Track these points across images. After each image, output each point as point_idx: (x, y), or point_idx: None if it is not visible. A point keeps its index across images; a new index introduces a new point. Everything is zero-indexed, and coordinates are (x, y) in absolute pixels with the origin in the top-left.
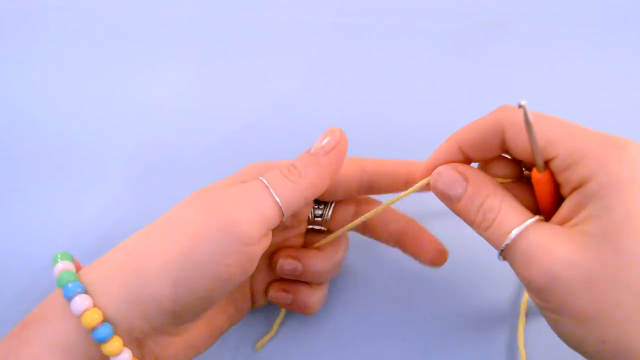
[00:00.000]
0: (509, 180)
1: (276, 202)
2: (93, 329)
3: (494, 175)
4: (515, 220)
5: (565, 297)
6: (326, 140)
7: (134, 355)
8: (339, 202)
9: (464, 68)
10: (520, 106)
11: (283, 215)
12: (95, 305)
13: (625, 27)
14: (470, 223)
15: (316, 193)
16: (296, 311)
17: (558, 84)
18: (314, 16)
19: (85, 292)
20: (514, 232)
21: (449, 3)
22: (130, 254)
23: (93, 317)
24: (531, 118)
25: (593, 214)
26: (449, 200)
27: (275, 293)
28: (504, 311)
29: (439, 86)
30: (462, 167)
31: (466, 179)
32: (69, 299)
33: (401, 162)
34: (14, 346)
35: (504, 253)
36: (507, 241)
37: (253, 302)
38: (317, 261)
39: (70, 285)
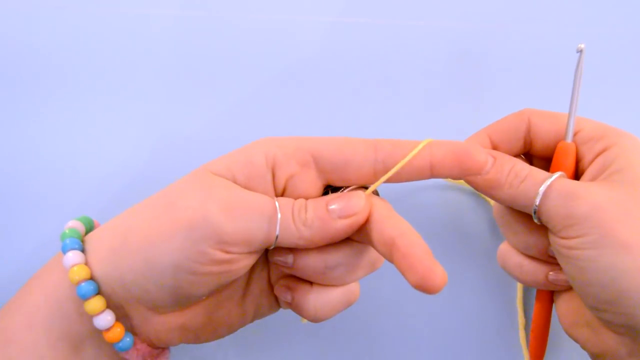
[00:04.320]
0: None
1: (274, 234)
2: (77, 284)
3: None
4: (547, 175)
5: (608, 224)
6: (352, 202)
7: (118, 320)
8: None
9: (465, 68)
10: (579, 50)
11: (270, 246)
12: (86, 264)
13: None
14: (501, 186)
15: (309, 246)
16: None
17: (562, 85)
18: (313, 16)
19: (83, 250)
20: (555, 175)
21: (449, 3)
22: (124, 219)
23: (79, 273)
24: (582, 65)
25: (619, 168)
26: (478, 173)
27: (277, 290)
28: (503, 311)
29: (439, 88)
30: (488, 149)
31: (493, 157)
32: (64, 254)
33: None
34: (22, 294)
35: (542, 198)
36: (548, 182)
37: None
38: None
39: (67, 241)
